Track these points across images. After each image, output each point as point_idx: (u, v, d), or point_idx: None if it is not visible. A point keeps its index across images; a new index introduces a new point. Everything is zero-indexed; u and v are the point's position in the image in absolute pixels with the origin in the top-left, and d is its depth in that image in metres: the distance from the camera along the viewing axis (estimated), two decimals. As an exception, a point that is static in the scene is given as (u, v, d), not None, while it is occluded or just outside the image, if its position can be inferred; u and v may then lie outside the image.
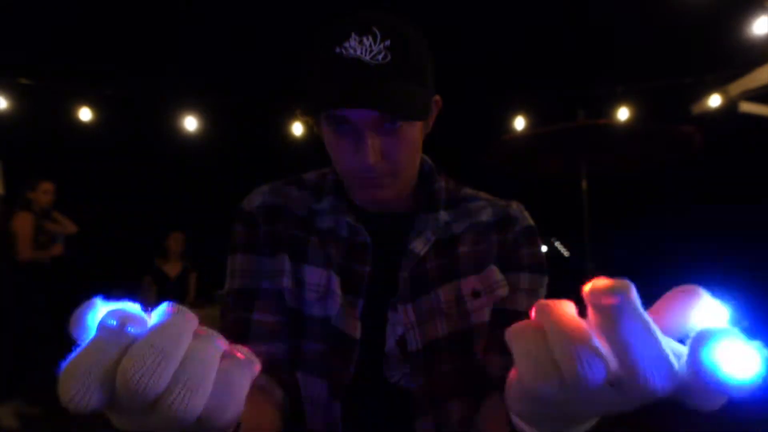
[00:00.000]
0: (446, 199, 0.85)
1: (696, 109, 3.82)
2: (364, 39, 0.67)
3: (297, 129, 5.43)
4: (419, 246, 0.80)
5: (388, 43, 0.67)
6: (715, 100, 3.71)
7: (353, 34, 0.67)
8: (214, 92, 5.51)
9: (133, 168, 6.28)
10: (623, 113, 4.91)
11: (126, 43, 5.31)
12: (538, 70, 5.68)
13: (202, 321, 0.32)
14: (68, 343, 0.32)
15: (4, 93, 4.69)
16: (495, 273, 0.80)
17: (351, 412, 0.74)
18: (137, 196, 6.37)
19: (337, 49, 0.67)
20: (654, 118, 4.01)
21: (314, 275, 0.78)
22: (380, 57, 0.67)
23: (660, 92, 4.88)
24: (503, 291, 0.79)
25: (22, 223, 3.60)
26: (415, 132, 0.75)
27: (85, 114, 4.90)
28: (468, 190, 0.88)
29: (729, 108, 3.44)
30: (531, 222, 0.84)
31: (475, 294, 0.78)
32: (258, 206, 0.83)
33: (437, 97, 0.82)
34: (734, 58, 4.05)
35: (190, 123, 5.20)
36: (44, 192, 3.74)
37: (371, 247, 0.79)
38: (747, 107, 3.35)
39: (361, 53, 0.67)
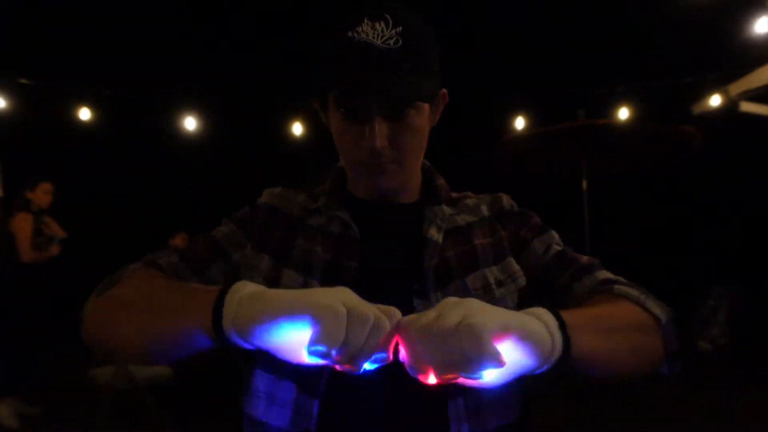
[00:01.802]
0: (445, 197, 0.87)
1: (696, 109, 3.82)
2: (377, 24, 0.69)
3: (297, 129, 5.42)
4: (435, 234, 0.80)
5: (399, 29, 0.69)
6: (715, 100, 3.70)
7: (366, 20, 0.69)
8: (214, 92, 5.51)
9: (133, 168, 6.27)
10: (623, 113, 4.90)
11: (126, 43, 5.31)
12: (539, 70, 5.67)
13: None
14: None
15: (4, 93, 4.69)
16: (513, 264, 0.81)
17: (369, 400, 0.72)
18: (136, 196, 6.36)
19: (350, 34, 0.69)
20: (654, 118, 4.01)
21: (290, 280, 0.77)
22: (392, 42, 0.69)
23: (660, 92, 4.88)
24: (523, 280, 0.80)
25: (22, 224, 3.58)
26: (422, 121, 0.76)
27: (85, 114, 4.90)
28: (455, 194, 0.91)
29: (729, 108, 3.44)
30: (517, 207, 0.89)
31: (499, 283, 0.79)
32: (263, 203, 0.86)
33: (444, 91, 0.82)
34: (735, 57, 4.05)
35: (190, 123, 5.20)
36: (44, 192, 3.73)
37: (359, 242, 0.79)
38: (747, 107, 3.35)
39: (373, 38, 0.69)
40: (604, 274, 0.79)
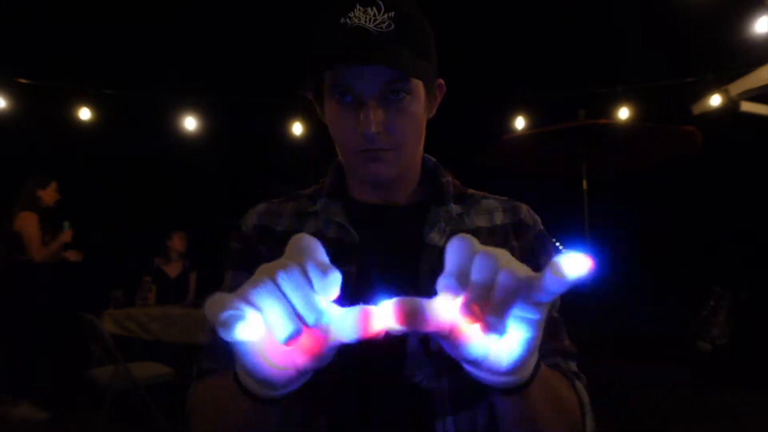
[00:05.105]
0: (455, 194, 0.83)
1: (696, 109, 3.81)
2: (369, 9, 0.68)
3: (297, 129, 5.42)
4: (436, 238, 0.77)
5: (392, 14, 0.69)
6: (715, 100, 3.70)
7: (357, 5, 0.69)
8: (214, 92, 5.51)
9: (132, 168, 6.28)
10: (624, 113, 4.90)
11: (126, 43, 5.31)
12: (539, 69, 5.68)
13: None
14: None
15: (4, 93, 4.69)
16: None
17: (359, 411, 0.71)
18: (136, 196, 6.37)
19: (342, 20, 0.68)
20: (654, 118, 4.01)
21: None
22: (384, 26, 0.68)
23: (660, 92, 4.88)
24: None
25: (30, 223, 3.54)
26: (418, 108, 0.74)
27: (85, 114, 4.90)
28: (473, 191, 0.87)
29: (729, 108, 3.43)
30: (541, 226, 0.83)
31: None
32: (252, 227, 0.82)
33: (441, 81, 0.80)
34: (735, 57, 4.05)
35: (190, 123, 5.20)
36: (54, 190, 3.72)
37: (359, 246, 0.76)
38: (747, 107, 3.34)
39: (366, 22, 0.68)
40: (575, 368, 0.77)
